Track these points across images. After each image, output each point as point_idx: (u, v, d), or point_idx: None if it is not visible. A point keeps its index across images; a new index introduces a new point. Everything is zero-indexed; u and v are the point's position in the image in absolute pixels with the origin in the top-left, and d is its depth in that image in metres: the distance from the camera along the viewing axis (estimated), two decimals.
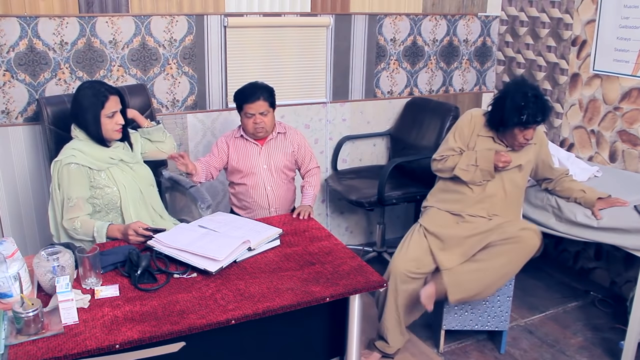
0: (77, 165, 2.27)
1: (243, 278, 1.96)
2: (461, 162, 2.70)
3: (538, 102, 2.53)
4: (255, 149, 2.77)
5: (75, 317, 1.68)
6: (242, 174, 2.78)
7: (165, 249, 2.06)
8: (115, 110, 2.33)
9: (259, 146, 2.77)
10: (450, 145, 2.77)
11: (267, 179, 2.78)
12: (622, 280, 3.39)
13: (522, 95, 2.53)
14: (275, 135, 2.78)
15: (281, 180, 2.81)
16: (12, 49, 2.80)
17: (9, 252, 1.79)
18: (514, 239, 2.55)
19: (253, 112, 2.67)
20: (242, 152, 2.77)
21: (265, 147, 2.77)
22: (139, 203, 2.43)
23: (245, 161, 2.77)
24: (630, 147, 3.23)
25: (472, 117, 2.76)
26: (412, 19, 3.71)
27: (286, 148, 2.81)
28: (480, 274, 2.55)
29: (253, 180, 2.77)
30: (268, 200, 2.79)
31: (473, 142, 2.73)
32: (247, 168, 2.77)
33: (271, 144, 2.78)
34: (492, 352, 2.88)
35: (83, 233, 2.28)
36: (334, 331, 2.13)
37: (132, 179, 2.42)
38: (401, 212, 4.04)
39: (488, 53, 4.06)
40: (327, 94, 3.62)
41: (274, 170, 2.78)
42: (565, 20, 3.53)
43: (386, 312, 2.65)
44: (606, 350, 2.91)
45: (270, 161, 2.78)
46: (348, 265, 2.07)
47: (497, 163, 2.62)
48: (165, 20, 3.07)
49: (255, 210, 2.82)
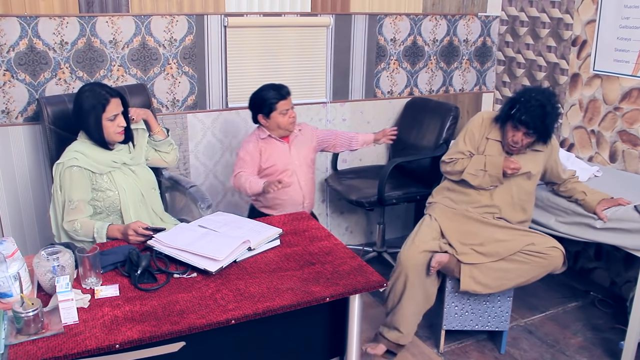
0: (79, 168, 2.27)
1: (243, 278, 1.96)
2: (470, 167, 2.69)
3: (537, 109, 2.50)
4: (284, 147, 2.83)
5: (75, 317, 1.68)
6: (277, 172, 2.80)
7: (165, 248, 2.06)
8: (117, 113, 2.32)
9: (286, 144, 2.84)
10: (460, 148, 2.76)
11: (300, 174, 2.86)
12: (622, 280, 3.39)
13: (528, 95, 2.54)
14: (297, 132, 2.88)
15: (309, 174, 2.92)
16: (12, 48, 2.80)
17: (9, 252, 1.79)
18: (543, 255, 2.58)
19: (288, 108, 2.78)
20: (274, 151, 2.82)
21: (292, 145, 2.86)
22: (140, 206, 2.43)
23: (280, 160, 2.82)
24: (631, 147, 3.23)
25: (484, 120, 2.75)
26: (412, 19, 3.71)
27: (309, 141, 2.92)
28: (499, 274, 2.59)
29: (288, 177, 2.81)
30: (303, 194, 2.86)
31: (483, 145, 2.73)
32: (282, 166, 2.81)
33: (297, 141, 2.88)
34: (492, 352, 2.88)
35: (83, 234, 2.28)
36: (333, 331, 2.13)
37: (133, 182, 2.42)
38: (401, 212, 4.05)
39: (488, 53, 4.06)
40: (327, 94, 3.62)
41: (304, 165, 2.87)
42: (566, 20, 3.53)
43: (404, 301, 2.65)
44: (606, 350, 2.91)
45: (299, 156, 2.86)
46: (348, 265, 2.07)
47: (506, 169, 2.62)
48: (166, 20, 3.07)
49: (287, 207, 2.84)
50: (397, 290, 2.66)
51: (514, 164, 2.61)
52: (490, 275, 2.58)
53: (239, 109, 3.39)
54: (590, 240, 2.73)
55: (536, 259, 2.58)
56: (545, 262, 2.59)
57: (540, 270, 2.61)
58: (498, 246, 2.59)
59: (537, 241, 2.61)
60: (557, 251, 2.60)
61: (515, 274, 2.60)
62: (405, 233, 3.47)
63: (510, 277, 2.60)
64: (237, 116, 3.40)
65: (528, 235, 2.65)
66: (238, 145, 3.45)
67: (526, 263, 2.59)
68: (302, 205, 2.88)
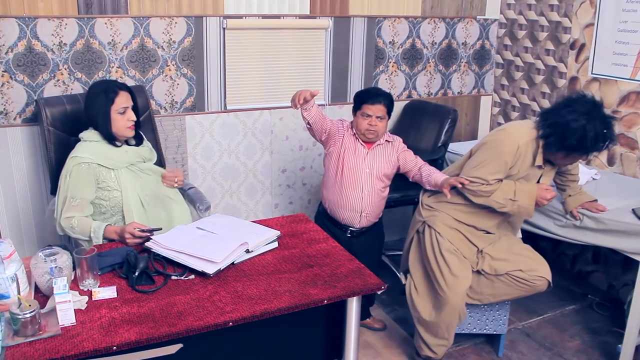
0: (87, 165, 2.28)
1: (241, 280, 1.96)
2: (497, 195, 2.44)
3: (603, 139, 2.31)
4: (362, 151, 2.77)
5: (72, 319, 1.68)
6: (345, 168, 2.76)
7: (163, 250, 2.06)
8: (127, 106, 2.35)
9: (366, 149, 2.77)
10: (486, 177, 2.44)
11: (367, 182, 2.77)
12: (619, 283, 3.39)
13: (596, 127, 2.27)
14: (383, 142, 2.79)
15: (379, 187, 2.80)
16: (11, 49, 2.79)
17: (6, 253, 1.79)
18: (527, 283, 2.54)
19: (371, 114, 2.70)
20: (352, 148, 2.77)
21: (371, 152, 2.78)
22: (143, 209, 2.43)
23: (352, 158, 2.76)
24: (629, 151, 3.24)
25: (519, 147, 2.40)
26: (411, 21, 3.72)
27: (391, 156, 2.81)
28: (485, 289, 2.61)
29: (353, 179, 2.76)
30: (362, 204, 2.78)
31: (515, 170, 2.46)
32: (351, 165, 2.76)
33: (378, 150, 2.79)
34: (490, 356, 2.88)
35: (79, 232, 2.27)
36: (331, 334, 2.13)
37: (140, 185, 2.43)
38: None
39: (487, 56, 4.07)
40: (325, 96, 3.63)
41: (375, 176, 2.77)
42: (564, 23, 3.54)
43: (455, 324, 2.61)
44: (604, 353, 2.91)
45: (373, 166, 2.77)
46: (346, 267, 2.07)
47: (541, 201, 2.41)
48: (164, 21, 3.07)
49: (345, 211, 2.81)
50: (452, 323, 2.59)
51: (550, 194, 2.38)
52: (483, 286, 2.60)
53: (237, 111, 3.39)
54: (588, 243, 2.73)
55: (520, 284, 2.55)
56: (529, 289, 2.56)
57: (520, 294, 2.59)
58: (491, 262, 2.59)
59: (525, 267, 2.54)
60: (543, 281, 2.54)
61: (498, 291, 2.60)
62: (402, 236, 3.47)
63: (491, 292, 2.61)
64: (235, 118, 3.40)
65: (518, 257, 2.58)
66: (236, 147, 3.45)
67: (509, 286, 2.56)
68: (360, 214, 2.80)
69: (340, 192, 2.79)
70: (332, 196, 2.84)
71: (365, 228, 2.85)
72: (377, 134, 2.73)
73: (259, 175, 3.58)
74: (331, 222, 2.86)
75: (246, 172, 3.54)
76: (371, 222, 2.86)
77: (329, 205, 2.87)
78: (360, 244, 2.82)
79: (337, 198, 2.81)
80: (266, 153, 3.56)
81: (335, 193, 2.81)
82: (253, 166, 3.54)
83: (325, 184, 2.88)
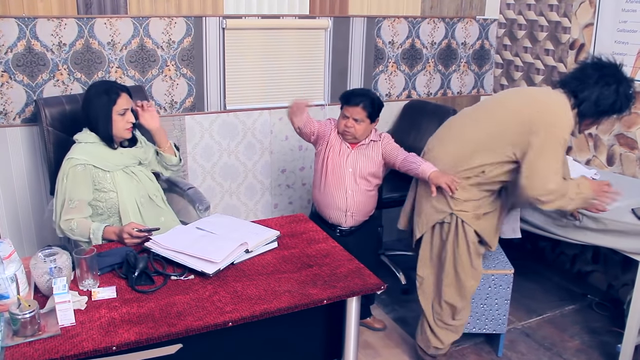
0: (83, 167, 2.28)
1: (240, 280, 1.96)
2: (571, 190, 2.29)
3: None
4: (346, 150, 2.76)
5: (72, 319, 1.68)
6: (329, 168, 2.77)
7: (163, 250, 2.06)
8: (127, 107, 2.36)
9: (350, 149, 2.76)
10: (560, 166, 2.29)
11: (350, 182, 2.76)
12: (619, 283, 3.40)
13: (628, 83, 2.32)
14: (367, 142, 2.77)
15: (364, 186, 2.78)
16: (10, 49, 2.79)
17: (6, 254, 1.79)
18: None
19: (348, 115, 2.69)
20: (336, 147, 2.76)
21: (355, 151, 2.76)
22: (139, 210, 2.43)
23: (336, 158, 2.76)
24: (628, 151, 3.24)
25: (572, 125, 2.33)
26: (411, 21, 3.72)
27: (376, 155, 2.78)
28: None
29: (336, 178, 2.76)
30: (347, 203, 2.77)
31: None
32: (334, 164, 2.76)
33: (361, 149, 2.77)
34: (490, 355, 2.88)
35: (79, 234, 2.28)
36: (331, 333, 2.13)
37: (135, 187, 2.43)
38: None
39: (486, 56, 4.07)
40: (325, 96, 3.63)
41: (357, 176, 2.76)
42: (564, 23, 3.54)
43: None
44: (603, 353, 2.91)
45: (356, 165, 2.76)
46: (346, 267, 2.07)
47: (601, 196, 2.33)
48: (164, 21, 3.07)
49: (331, 210, 2.81)
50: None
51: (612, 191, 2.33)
52: None
53: (237, 111, 3.39)
54: (587, 243, 2.73)
55: None
56: None
57: None
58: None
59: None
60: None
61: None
62: (402, 236, 3.47)
63: None
64: (235, 118, 3.40)
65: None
66: (236, 147, 3.45)
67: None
68: (346, 213, 2.79)
69: (325, 191, 2.79)
70: (318, 195, 2.85)
71: (354, 227, 2.84)
72: (353, 136, 2.72)
73: (258, 175, 3.58)
74: (321, 222, 2.86)
75: (246, 172, 3.54)
76: (359, 221, 2.84)
77: (317, 205, 2.88)
78: (352, 244, 2.80)
79: (323, 197, 2.82)
80: (266, 153, 3.56)
81: (322, 192, 2.82)
82: (253, 166, 3.55)
83: (314, 184, 2.89)
